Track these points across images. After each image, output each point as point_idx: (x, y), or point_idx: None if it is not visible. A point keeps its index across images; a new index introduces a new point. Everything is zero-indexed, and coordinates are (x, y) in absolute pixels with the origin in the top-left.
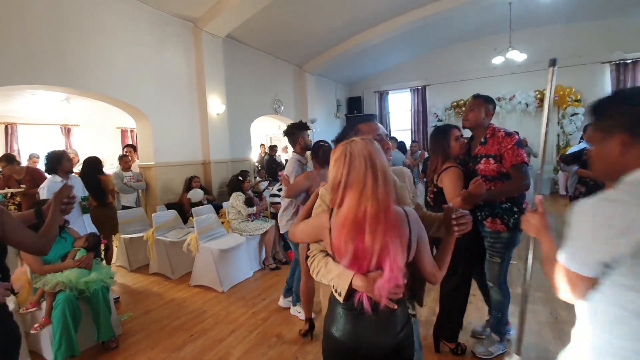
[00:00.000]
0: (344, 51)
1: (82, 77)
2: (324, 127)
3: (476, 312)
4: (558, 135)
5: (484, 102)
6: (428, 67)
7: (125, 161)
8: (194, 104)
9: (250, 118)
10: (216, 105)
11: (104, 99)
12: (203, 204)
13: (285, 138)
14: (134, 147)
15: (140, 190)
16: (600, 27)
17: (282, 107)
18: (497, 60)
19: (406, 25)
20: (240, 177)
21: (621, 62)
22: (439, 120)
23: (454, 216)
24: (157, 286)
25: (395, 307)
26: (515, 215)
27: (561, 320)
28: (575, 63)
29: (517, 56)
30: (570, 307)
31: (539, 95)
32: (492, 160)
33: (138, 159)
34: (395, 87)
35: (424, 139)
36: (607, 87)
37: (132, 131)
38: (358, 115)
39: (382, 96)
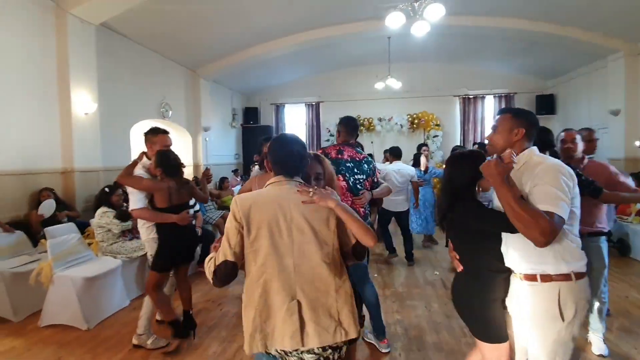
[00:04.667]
0: (242, 60)
1: None
2: (219, 136)
3: None
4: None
5: (338, 124)
6: (322, 85)
7: None
8: (52, 99)
9: (131, 121)
10: (85, 102)
11: None
12: (62, 222)
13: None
14: None
15: None
16: (452, 68)
17: (170, 112)
18: (379, 85)
19: (300, 44)
20: (107, 189)
21: (466, 96)
22: (331, 135)
23: None
24: None
25: None
26: None
27: (433, 312)
28: (436, 94)
29: (394, 84)
30: (440, 300)
31: (410, 119)
32: None
33: None
34: (291, 101)
35: None
36: (457, 115)
37: None
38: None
39: (279, 109)
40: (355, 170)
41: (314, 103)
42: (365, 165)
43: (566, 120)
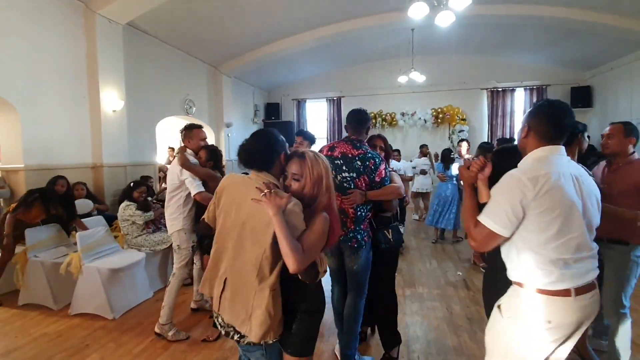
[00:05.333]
0: (263, 55)
1: None
2: (241, 132)
3: None
4: (449, 148)
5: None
6: (343, 80)
7: None
8: (82, 96)
9: (157, 118)
10: (112, 100)
11: None
12: (91, 215)
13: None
14: None
15: (1, 200)
16: (480, 60)
17: (194, 108)
18: (402, 79)
19: (321, 38)
20: (131, 184)
21: (494, 89)
22: None
23: None
24: (21, 319)
25: None
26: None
27: (455, 314)
28: (462, 88)
29: (417, 77)
30: (462, 302)
31: (434, 113)
32: None
33: None
34: (312, 96)
35: None
36: (484, 109)
37: None
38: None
39: (300, 104)
40: (344, 167)
41: (335, 98)
42: (358, 162)
43: (604, 114)
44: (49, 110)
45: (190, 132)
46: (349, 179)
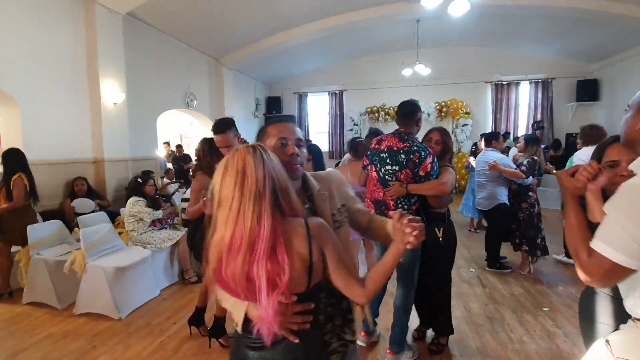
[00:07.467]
0: (265, 48)
1: None
2: (242, 127)
3: None
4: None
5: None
6: (346, 73)
7: None
8: (83, 89)
9: (157, 111)
10: (113, 93)
11: None
12: (94, 211)
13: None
14: None
15: None
16: (485, 52)
17: (195, 102)
18: (407, 72)
19: (325, 30)
20: (140, 180)
21: (499, 82)
22: (355, 125)
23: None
24: (27, 318)
25: (296, 340)
26: None
27: (473, 313)
28: (466, 81)
29: (422, 70)
30: (479, 300)
31: (438, 107)
32: None
33: None
34: (314, 90)
35: (340, 142)
36: (488, 103)
37: None
38: (276, 116)
39: (302, 98)
40: (388, 160)
41: (337, 92)
42: (402, 156)
43: (612, 107)
44: (49, 103)
45: None
46: (391, 172)
